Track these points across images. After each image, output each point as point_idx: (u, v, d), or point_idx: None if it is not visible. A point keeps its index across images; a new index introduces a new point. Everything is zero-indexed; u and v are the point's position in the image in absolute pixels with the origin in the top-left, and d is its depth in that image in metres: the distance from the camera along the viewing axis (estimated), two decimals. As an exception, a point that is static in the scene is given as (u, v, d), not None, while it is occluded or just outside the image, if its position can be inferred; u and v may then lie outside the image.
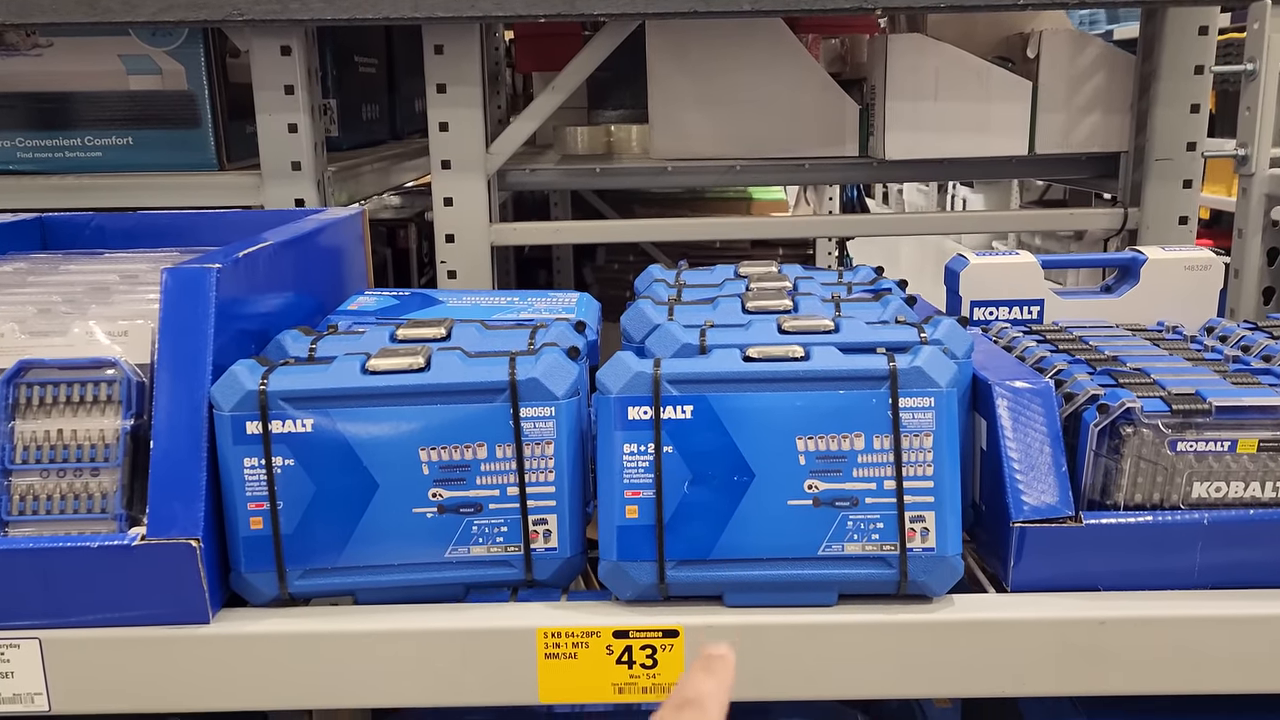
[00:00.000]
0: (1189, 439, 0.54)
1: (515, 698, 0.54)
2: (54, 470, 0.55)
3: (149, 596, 0.53)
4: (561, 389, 0.55)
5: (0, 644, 0.53)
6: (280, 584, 0.55)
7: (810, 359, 0.54)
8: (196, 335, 0.55)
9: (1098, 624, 0.53)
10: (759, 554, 0.53)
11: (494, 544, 0.55)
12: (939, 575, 0.53)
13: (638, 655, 0.54)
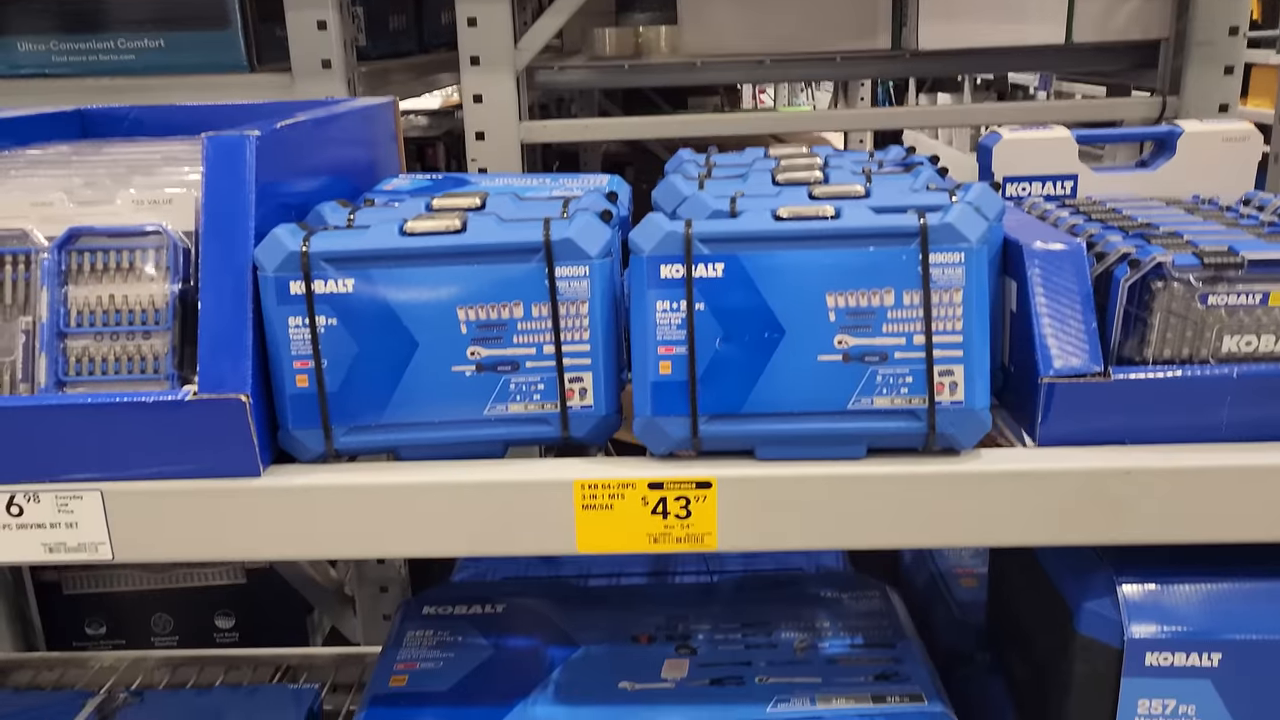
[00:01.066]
0: (1220, 292, 0.54)
1: (554, 547, 0.56)
2: (107, 334, 0.57)
3: (202, 451, 0.55)
4: (595, 248, 0.55)
5: (65, 495, 0.55)
6: (326, 441, 0.57)
7: (841, 218, 0.55)
8: (238, 200, 0.56)
9: (1124, 474, 0.54)
10: (789, 408, 0.55)
11: (531, 401, 0.57)
12: (967, 428, 0.54)
13: (672, 506, 0.55)
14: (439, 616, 0.76)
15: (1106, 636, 0.58)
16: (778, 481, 0.55)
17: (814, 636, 0.73)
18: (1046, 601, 0.63)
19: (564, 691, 0.68)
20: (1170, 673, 0.57)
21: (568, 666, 0.70)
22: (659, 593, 0.80)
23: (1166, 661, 0.57)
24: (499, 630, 0.75)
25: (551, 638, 0.73)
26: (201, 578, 1.30)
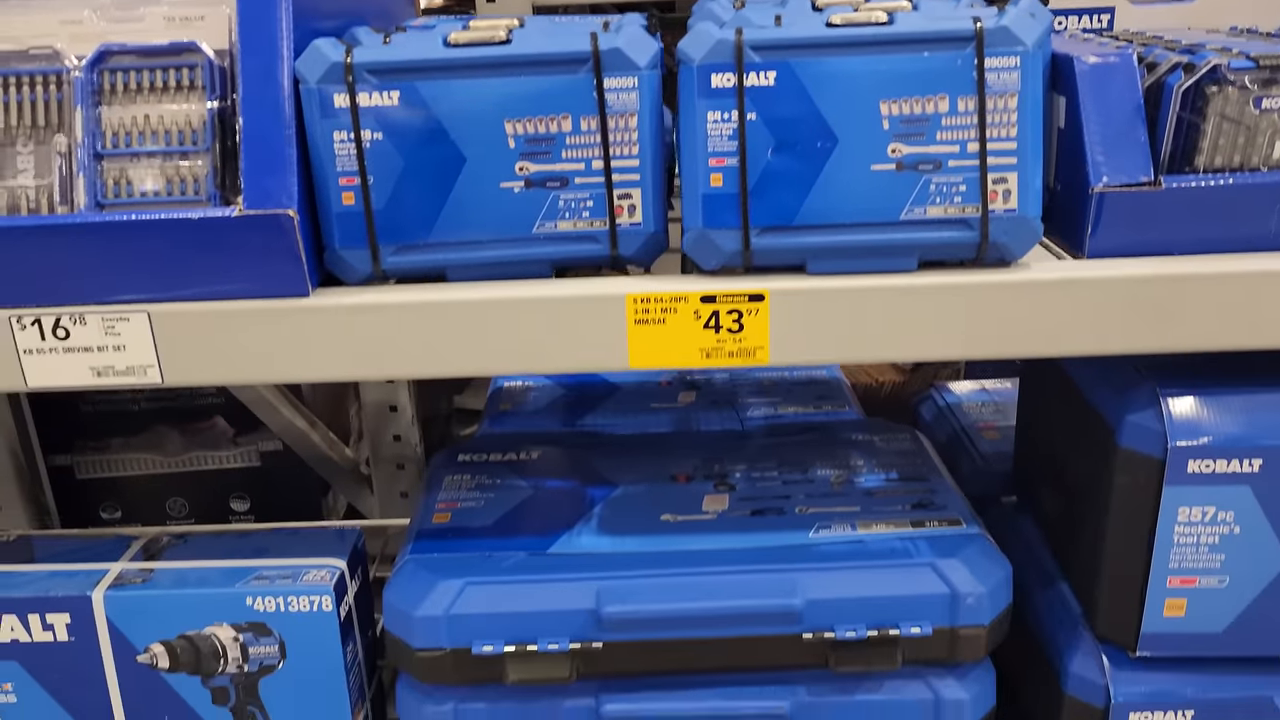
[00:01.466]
0: (1274, 95, 0.54)
1: (606, 363, 0.56)
2: (144, 155, 0.56)
3: (250, 270, 0.54)
4: (644, 59, 0.54)
5: (111, 317, 0.55)
6: (373, 261, 0.56)
7: (895, 24, 0.54)
8: (275, 12, 0.55)
9: (1172, 280, 0.54)
10: (842, 220, 0.54)
11: (580, 219, 0.56)
12: (1019, 236, 0.54)
13: (724, 320, 0.55)
14: (474, 464, 0.77)
15: (1149, 448, 0.59)
16: (830, 294, 0.55)
17: (849, 473, 0.74)
18: (1083, 424, 0.64)
19: (607, 523, 0.68)
20: (1211, 480, 0.58)
21: (608, 503, 0.71)
22: (691, 440, 0.81)
23: (1208, 469, 0.58)
24: (536, 473, 0.75)
25: (589, 479, 0.74)
26: (216, 461, 1.30)
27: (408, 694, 0.67)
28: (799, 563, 0.64)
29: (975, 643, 0.64)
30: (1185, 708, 0.63)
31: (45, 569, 0.68)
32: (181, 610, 0.65)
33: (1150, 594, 0.61)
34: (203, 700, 0.67)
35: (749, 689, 0.65)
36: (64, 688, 0.67)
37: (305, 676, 0.67)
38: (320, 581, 0.66)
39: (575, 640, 0.63)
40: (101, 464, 1.32)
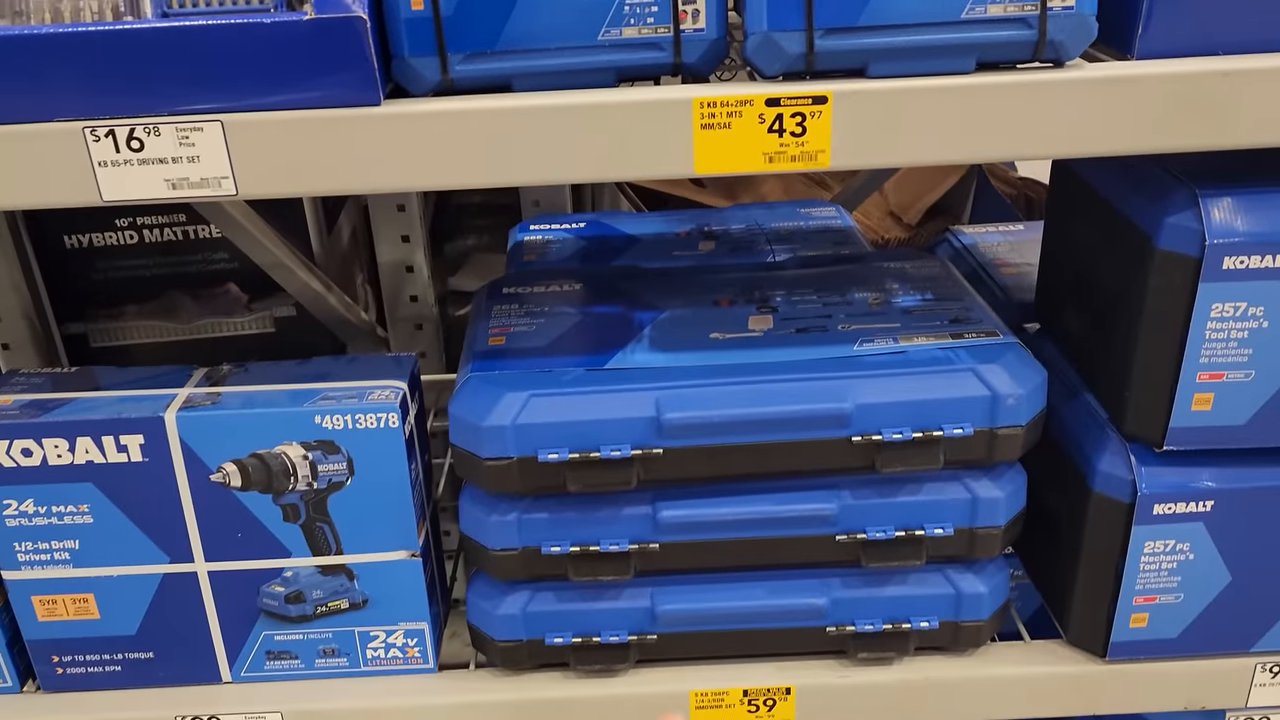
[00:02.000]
0: (1324, -109, 0.55)
1: (672, 169, 0.58)
2: (207, -36, 0.56)
3: (321, 78, 0.55)
4: None
5: (185, 128, 0.55)
6: (442, 70, 0.57)
7: None
8: None
9: (1221, 76, 0.56)
10: (905, 19, 0.56)
11: (645, 24, 0.57)
12: (1076, 34, 0.56)
13: (788, 124, 0.57)
14: (520, 295, 0.79)
15: (1186, 247, 0.61)
16: (891, 95, 0.57)
17: (885, 295, 0.76)
18: (1116, 235, 0.67)
19: (658, 342, 0.71)
20: (1244, 275, 0.61)
21: (656, 325, 0.73)
22: (729, 269, 0.83)
23: (1242, 265, 0.61)
24: (583, 301, 0.77)
25: (635, 304, 0.76)
26: (230, 327, 1.31)
27: (472, 506, 0.70)
28: (847, 371, 0.67)
29: (1012, 442, 0.67)
30: (1206, 499, 0.68)
31: (115, 395, 0.69)
32: (252, 429, 0.67)
33: (1180, 390, 0.65)
34: (274, 517, 0.70)
35: (798, 494, 0.69)
36: (139, 508, 0.69)
37: (372, 493, 0.69)
38: (386, 400, 0.68)
39: (636, 447, 0.66)
40: (115, 332, 1.32)
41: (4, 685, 0.75)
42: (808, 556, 0.70)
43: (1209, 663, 0.73)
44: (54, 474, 0.67)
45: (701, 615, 0.72)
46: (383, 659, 0.74)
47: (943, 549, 0.70)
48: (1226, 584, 0.70)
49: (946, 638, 0.73)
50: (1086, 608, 0.73)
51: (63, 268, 1.19)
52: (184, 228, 1.18)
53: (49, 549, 0.70)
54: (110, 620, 0.72)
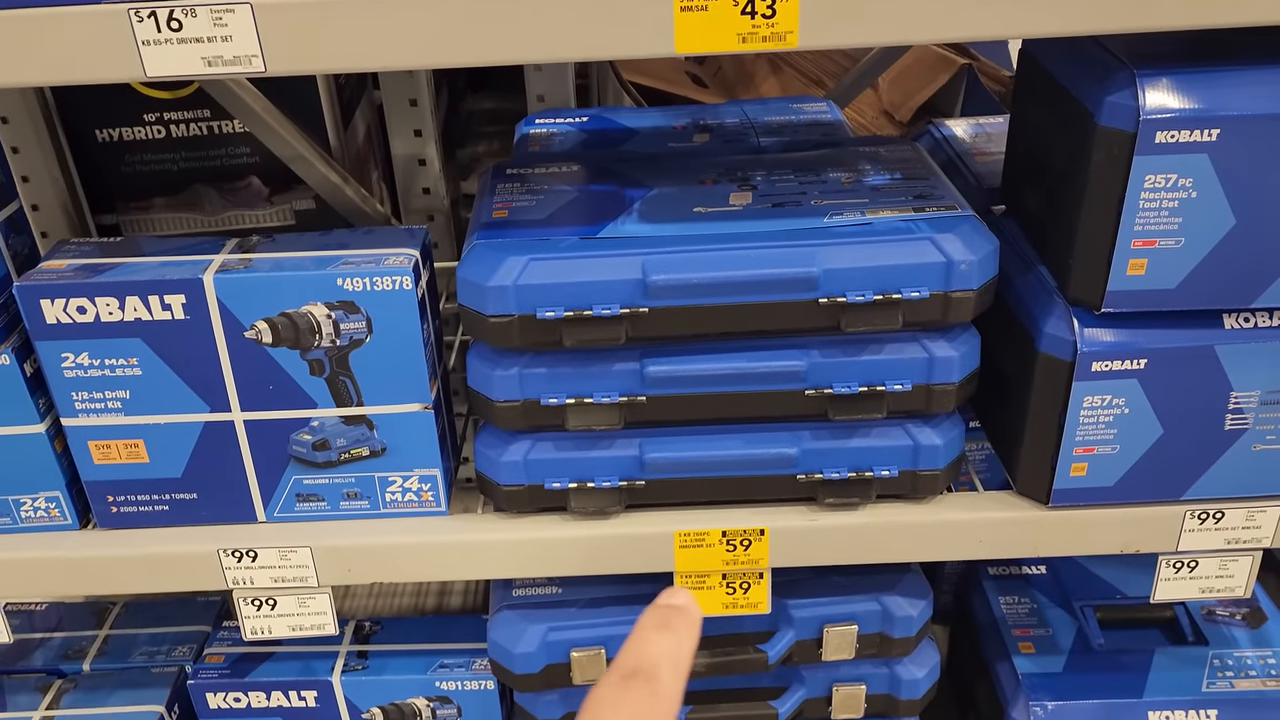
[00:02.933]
0: None
1: (654, 48, 0.64)
2: None
3: (338, -37, 0.61)
4: None
5: (219, 9, 0.62)
6: (446, -44, 0.63)
7: None
8: None
9: (1154, -37, 0.62)
10: (864, -90, 0.61)
11: (630, -85, 0.63)
12: (1021, -77, 0.62)
13: (759, 7, 0.63)
14: (522, 175, 0.86)
15: (1123, 123, 0.68)
16: (852, -20, 0.62)
17: (858, 175, 0.83)
18: (1067, 115, 0.73)
19: (646, 215, 0.78)
20: (1174, 149, 0.67)
21: (645, 200, 0.80)
22: (714, 155, 0.89)
23: (1172, 139, 0.67)
24: (580, 180, 0.84)
25: (627, 183, 0.83)
26: (252, 219, 1.38)
27: (478, 362, 0.78)
28: (816, 240, 0.74)
29: (965, 305, 0.74)
30: (1140, 357, 0.75)
31: (158, 260, 0.77)
32: (281, 290, 0.75)
33: (1117, 256, 0.71)
34: (301, 371, 0.78)
35: (771, 352, 0.77)
36: (182, 362, 0.77)
37: (389, 350, 0.77)
38: (400, 265, 0.75)
39: (625, 306, 0.73)
40: (145, 224, 1.40)
41: (65, 523, 0.84)
42: (780, 410, 0.78)
43: (1143, 510, 0.81)
44: (105, 330, 0.75)
45: (685, 463, 0.80)
46: (400, 502, 0.83)
47: (902, 404, 0.78)
48: (1159, 437, 0.78)
49: (906, 486, 0.81)
50: (1032, 459, 0.81)
51: (94, 161, 1.25)
52: (208, 123, 1.25)
53: (103, 398, 0.78)
54: (158, 464, 0.81)
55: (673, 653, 0.34)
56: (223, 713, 0.96)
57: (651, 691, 0.33)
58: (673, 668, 0.34)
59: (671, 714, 0.33)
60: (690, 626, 0.35)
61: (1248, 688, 0.95)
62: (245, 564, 0.82)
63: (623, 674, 0.33)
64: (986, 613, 1.04)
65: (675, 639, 0.34)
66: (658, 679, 0.33)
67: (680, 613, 0.35)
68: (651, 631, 0.35)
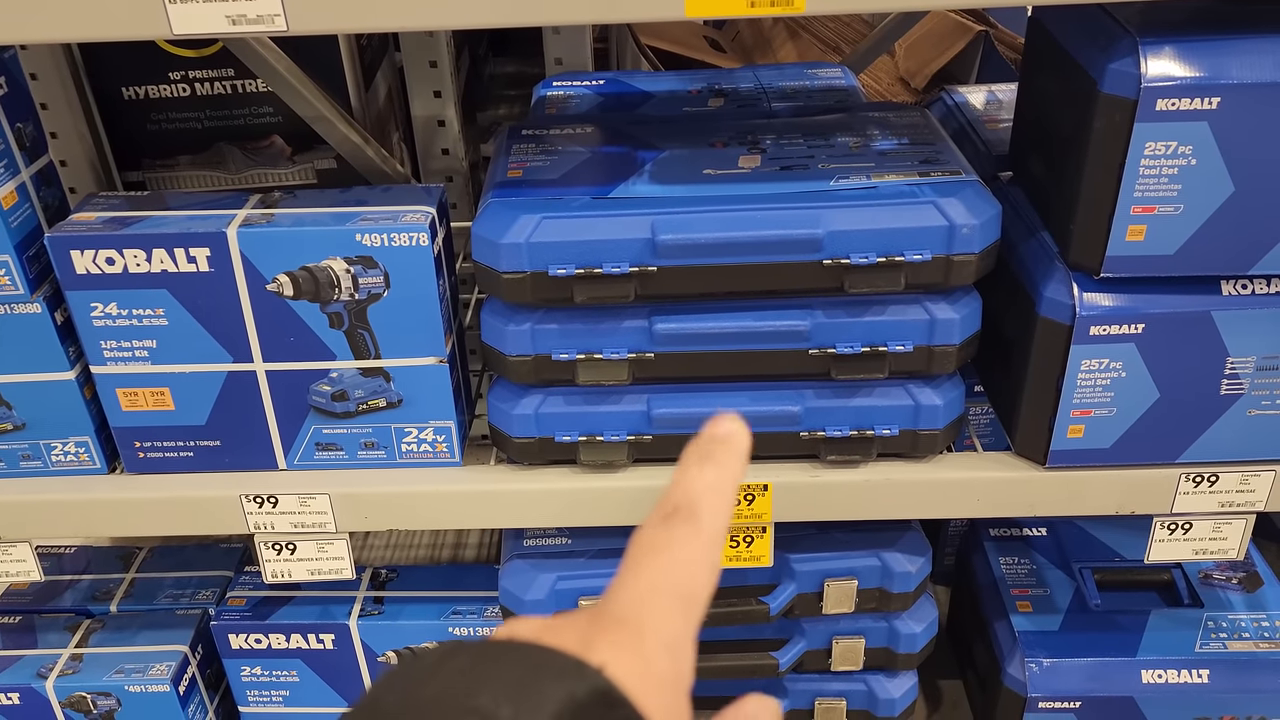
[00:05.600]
0: None
1: (666, 12, 0.65)
2: None
3: (359, -75, 0.63)
4: None
5: (242, -32, 0.64)
6: (463, -81, 0.64)
7: None
8: None
9: (1158, -69, 0.63)
10: (873, -123, 0.62)
11: (643, -121, 0.64)
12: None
13: (767, -29, 0.64)
14: (537, 136, 0.87)
15: (1125, 90, 0.69)
16: (859, -54, 0.64)
17: (866, 140, 0.84)
18: (1071, 83, 0.74)
19: (657, 176, 0.80)
20: (1175, 116, 0.69)
21: (656, 162, 0.82)
22: (726, 119, 0.91)
23: (1173, 107, 0.68)
24: (593, 142, 0.86)
25: (639, 145, 0.85)
26: (275, 179, 1.41)
27: (492, 318, 0.80)
28: (821, 202, 0.76)
29: (967, 268, 0.76)
30: (1137, 321, 0.76)
31: (183, 214, 0.80)
32: (301, 245, 0.78)
33: (1116, 222, 0.73)
34: (321, 324, 0.80)
35: (776, 312, 0.79)
36: (207, 313, 0.80)
37: (406, 304, 0.80)
38: (417, 221, 0.78)
39: (634, 264, 0.75)
40: (169, 181, 1.42)
41: (94, 467, 0.87)
42: (784, 369, 0.80)
43: (1138, 472, 0.83)
44: (133, 281, 0.78)
45: (691, 418, 0.82)
46: (415, 453, 0.86)
47: (904, 364, 0.80)
48: (1155, 400, 0.80)
49: (906, 444, 0.83)
50: (1030, 420, 0.83)
51: (121, 119, 1.28)
52: (232, 81, 1.27)
53: (130, 347, 0.81)
54: (183, 411, 0.84)
55: (715, 485, 0.33)
56: (244, 653, 0.99)
57: (694, 529, 0.33)
58: (716, 502, 0.33)
59: (715, 555, 0.33)
60: (735, 456, 0.34)
61: (1240, 649, 0.97)
62: (266, 509, 0.86)
63: (664, 513, 0.33)
64: (986, 573, 1.07)
65: (717, 471, 0.34)
66: (699, 515, 0.33)
67: (723, 442, 0.35)
68: (693, 466, 0.34)
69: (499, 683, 0.27)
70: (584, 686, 0.28)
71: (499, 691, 0.27)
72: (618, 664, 0.30)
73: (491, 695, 0.27)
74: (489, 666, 0.28)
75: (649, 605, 0.32)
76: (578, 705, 0.27)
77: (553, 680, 0.28)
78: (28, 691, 0.98)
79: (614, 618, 0.32)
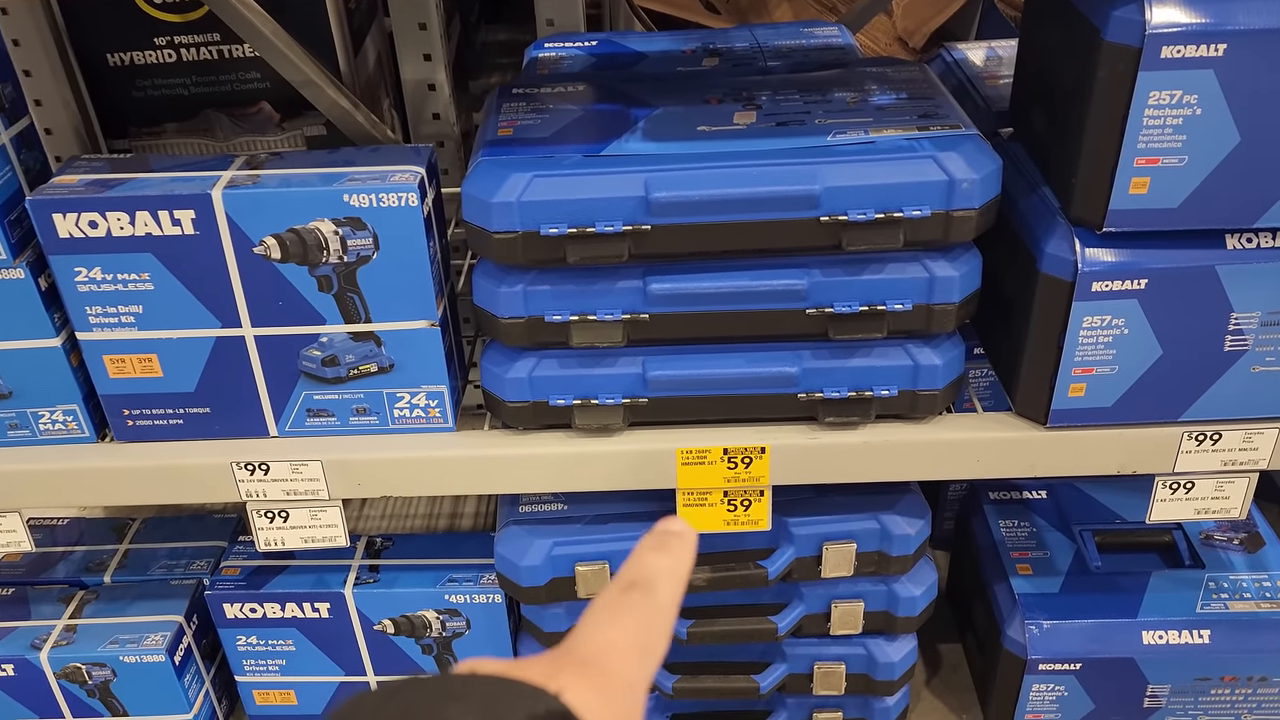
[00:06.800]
0: None
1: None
2: None
3: None
4: None
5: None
6: None
7: None
8: None
9: None
10: None
11: None
12: None
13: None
14: (529, 94, 0.86)
15: (1129, 38, 0.67)
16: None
17: (864, 95, 0.82)
18: (1074, 34, 0.72)
19: (651, 133, 0.78)
20: (1180, 64, 0.67)
21: (650, 119, 0.80)
22: (721, 76, 0.89)
23: (1178, 54, 0.67)
24: (586, 100, 0.84)
25: (633, 103, 0.83)
26: (263, 145, 1.39)
27: (484, 279, 0.79)
28: (818, 158, 0.74)
29: (966, 224, 0.75)
30: (1140, 277, 0.75)
31: (168, 176, 0.78)
32: (288, 206, 0.76)
33: (1119, 173, 0.71)
34: (309, 287, 0.79)
35: (773, 271, 0.77)
36: (193, 277, 0.78)
37: (396, 267, 0.78)
38: (406, 181, 0.76)
39: (627, 223, 0.74)
40: (157, 149, 1.40)
41: (83, 435, 0.86)
42: (781, 329, 0.79)
43: (1140, 430, 0.82)
44: (117, 244, 0.77)
45: (687, 381, 0.81)
46: (408, 418, 0.85)
47: (902, 323, 0.78)
48: (1158, 357, 0.78)
49: (905, 405, 0.82)
50: (1031, 379, 0.81)
51: (106, 86, 1.25)
52: (218, 46, 1.25)
53: (116, 312, 0.80)
54: (172, 378, 0.83)
55: (670, 569, 0.37)
56: (239, 622, 0.99)
57: (650, 601, 0.36)
58: (670, 582, 0.36)
59: (668, 623, 0.36)
60: (686, 548, 0.38)
61: (1241, 609, 0.96)
62: (258, 477, 0.85)
63: (622, 586, 0.36)
64: (986, 536, 1.06)
65: (672, 557, 0.37)
66: (655, 590, 0.36)
67: (676, 536, 0.38)
68: (649, 552, 0.37)
69: (467, 701, 0.30)
70: (542, 707, 0.30)
71: (466, 706, 0.29)
72: (576, 692, 0.32)
73: (460, 709, 0.29)
74: (456, 688, 0.30)
75: (613, 650, 0.34)
76: None
77: (514, 700, 0.30)
78: (22, 663, 0.98)
79: (578, 658, 0.34)
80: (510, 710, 0.30)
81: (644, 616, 0.35)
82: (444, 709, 0.29)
